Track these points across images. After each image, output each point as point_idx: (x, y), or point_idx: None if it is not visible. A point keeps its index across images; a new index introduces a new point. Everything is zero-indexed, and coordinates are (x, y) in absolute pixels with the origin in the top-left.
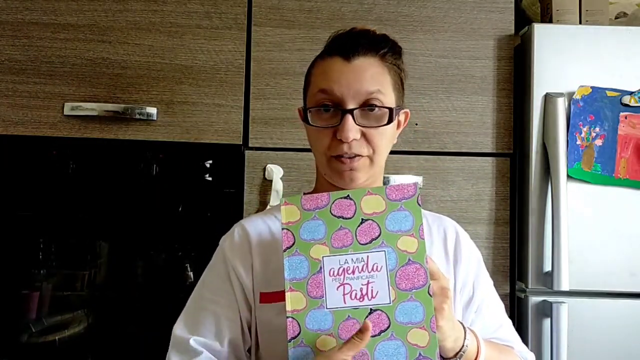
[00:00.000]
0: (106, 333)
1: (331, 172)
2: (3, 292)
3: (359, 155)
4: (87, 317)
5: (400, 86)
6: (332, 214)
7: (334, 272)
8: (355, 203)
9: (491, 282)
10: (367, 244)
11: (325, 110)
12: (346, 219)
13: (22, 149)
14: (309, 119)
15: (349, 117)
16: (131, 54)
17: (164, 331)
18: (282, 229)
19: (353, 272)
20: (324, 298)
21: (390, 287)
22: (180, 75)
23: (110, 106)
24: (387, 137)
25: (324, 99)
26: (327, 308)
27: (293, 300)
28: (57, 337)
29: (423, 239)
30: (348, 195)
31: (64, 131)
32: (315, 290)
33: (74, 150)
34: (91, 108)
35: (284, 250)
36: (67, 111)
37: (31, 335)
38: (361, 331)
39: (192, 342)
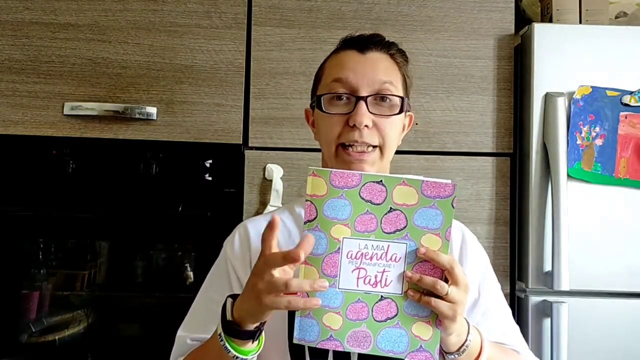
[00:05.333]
0: (106, 333)
1: (338, 163)
2: (3, 292)
3: (369, 146)
4: (87, 317)
5: (406, 88)
6: (360, 196)
7: (351, 254)
8: (387, 190)
9: (499, 286)
10: (390, 233)
11: (339, 98)
12: (375, 204)
13: (22, 149)
14: (322, 106)
15: (363, 104)
16: (131, 53)
17: (164, 331)
18: (306, 200)
19: (371, 258)
20: (338, 278)
21: (405, 279)
22: (180, 75)
23: (110, 106)
24: (396, 129)
25: (338, 87)
26: (339, 288)
27: (306, 274)
28: (57, 337)
29: (448, 240)
30: (381, 181)
31: (63, 131)
32: (330, 269)
33: (73, 149)
34: (91, 108)
35: (305, 223)
36: (67, 111)
37: (31, 335)
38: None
39: (188, 340)
